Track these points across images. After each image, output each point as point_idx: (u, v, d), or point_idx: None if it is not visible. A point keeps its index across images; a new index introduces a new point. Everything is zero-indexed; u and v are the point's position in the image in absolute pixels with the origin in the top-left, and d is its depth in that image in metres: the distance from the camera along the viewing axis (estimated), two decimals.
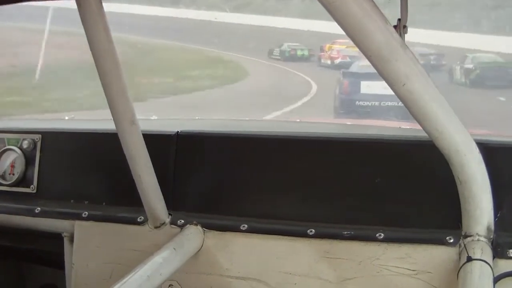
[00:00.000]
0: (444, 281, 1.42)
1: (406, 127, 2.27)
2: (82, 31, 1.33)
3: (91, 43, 1.36)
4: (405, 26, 1.25)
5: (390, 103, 10.90)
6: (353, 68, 13.38)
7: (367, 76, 11.45)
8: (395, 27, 1.19)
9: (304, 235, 1.55)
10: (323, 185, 1.61)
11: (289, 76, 19.53)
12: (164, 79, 17.53)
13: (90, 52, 1.36)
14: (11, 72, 15.35)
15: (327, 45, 20.77)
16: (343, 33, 1.09)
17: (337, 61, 19.19)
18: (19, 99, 12.29)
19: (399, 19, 1.26)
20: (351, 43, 1.11)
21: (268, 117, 11.11)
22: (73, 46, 14.55)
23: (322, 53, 21.39)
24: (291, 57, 22.44)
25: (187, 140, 1.75)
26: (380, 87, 10.91)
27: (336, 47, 19.89)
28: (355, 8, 1.05)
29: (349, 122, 5.20)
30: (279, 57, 22.67)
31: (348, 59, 17.77)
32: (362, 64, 12.26)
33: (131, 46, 17.77)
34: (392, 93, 1.18)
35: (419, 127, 1.26)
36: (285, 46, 23.00)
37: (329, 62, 20.16)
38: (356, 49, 1.12)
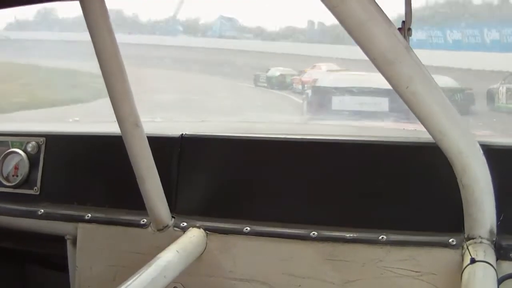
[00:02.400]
0: (448, 283, 1.42)
1: (410, 128, 2.26)
2: None
3: (96, 45, 1.37)
4: (409, 29, 1.25)
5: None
6: (323, 82, 12.19)
7: (341, 91, 10.67)
8: (399, 29, 1.19)
9: (307, 237, 1.55)
10: (326, 187, 1.61)
11: None
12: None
13: None
14: None
15: (307, 70, 17.89)
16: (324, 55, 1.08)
17: (307, 85, 16.21)
18: None
19: (403, 22, 1.26)
20: (332, 66, 1.10)
21: None
22: None
23: (294, 78, 18.16)
24: (279, 84, 18.47)
25: (191, 143, 1.75)
26: (354, 103, 10.16)
27: (311, 71, 17.16)
28: (359, 11, 1.05)
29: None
30: (266, 85, 18.74)
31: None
32: (335, 77, 11.53)
33: None
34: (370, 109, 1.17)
35: (423, 128, 1.26)
36: (272, 71, 18.85)
37: (300, 87, 17.12)
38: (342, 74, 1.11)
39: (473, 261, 1.32)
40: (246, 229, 1.61)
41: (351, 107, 10.38)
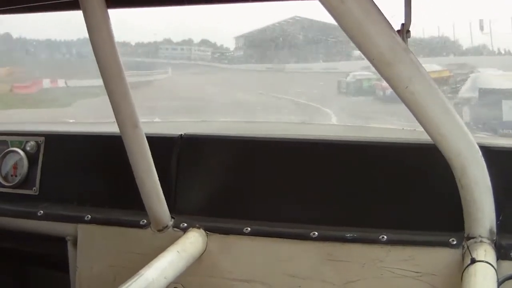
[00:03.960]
0: (448, 283, 1.42)
1: (409, 129, 2.26)
2: None
3: (96, 49, 1.37)
4: (408, 31, 1.25)
5: None
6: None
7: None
8: (398, 32, 1.18)
9: (307, 237, 1.55)
10: (326, 187, 1.61)
11: None
12: None
13: None
14: None
15: None
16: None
17: (388, 91, 15.94)
18: None
19: (402, 24, 1.26)
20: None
21: None
22: None
23: (377, 82, 17.89)
24: (356, 90, 15.88)
25: (191, 143, 1.75)
26: None
27: None
28: (358, 13, 1.06)
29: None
30: (345, 91, 16.58)
31: None
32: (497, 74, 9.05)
33: None
34: None
35: (422, 129, 1.25)
36: (350, 76, 16.58)
37: (381, 93, 16.97)
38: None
39: (473, 261, 1.32)
40: (247, 229, 1.61)
41: None
